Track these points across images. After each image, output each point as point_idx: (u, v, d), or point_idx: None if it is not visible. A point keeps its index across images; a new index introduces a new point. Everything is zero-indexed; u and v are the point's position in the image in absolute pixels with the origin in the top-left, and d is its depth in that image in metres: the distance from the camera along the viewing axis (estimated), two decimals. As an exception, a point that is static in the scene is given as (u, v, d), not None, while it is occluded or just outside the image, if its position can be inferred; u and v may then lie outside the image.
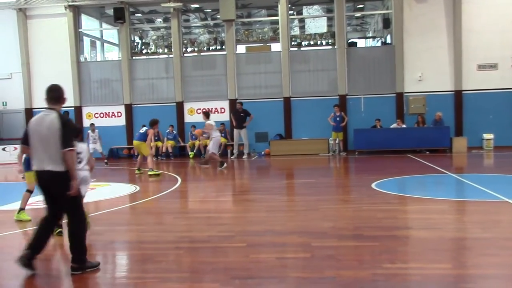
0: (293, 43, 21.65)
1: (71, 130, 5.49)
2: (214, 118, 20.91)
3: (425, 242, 6.36)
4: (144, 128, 15.31)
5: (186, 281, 5.20)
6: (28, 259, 5.51)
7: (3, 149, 20.84)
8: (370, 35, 26.93)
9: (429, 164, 14.82)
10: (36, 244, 5.60)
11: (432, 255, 5.76)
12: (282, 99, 20.81)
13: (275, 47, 21.66)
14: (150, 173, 14.52)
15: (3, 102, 22.59)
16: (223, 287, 4.93)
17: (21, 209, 8.77)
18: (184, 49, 21.93)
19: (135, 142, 15.41)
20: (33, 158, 5.53)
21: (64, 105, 5.80)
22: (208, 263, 5.78)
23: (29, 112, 21.81)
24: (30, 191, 8.63)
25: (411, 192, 10.73)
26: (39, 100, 21.92)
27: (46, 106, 5.56)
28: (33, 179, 8.93)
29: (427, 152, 18.49)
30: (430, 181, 12.25)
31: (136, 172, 15.04)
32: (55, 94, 5.56)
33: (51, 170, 5.37)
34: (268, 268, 5.45)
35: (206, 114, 16.25)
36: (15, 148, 11.68)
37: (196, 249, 6.45)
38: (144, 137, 15.06)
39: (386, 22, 21.26)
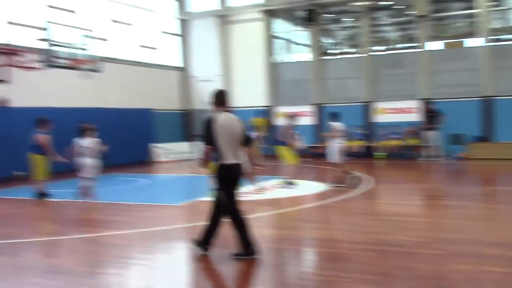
0: (494, 37, 19.79)
1: None
2: (404, 118, 20.27)
3: None
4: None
5: (380, 285, 5.15)
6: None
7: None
8: None
9: None
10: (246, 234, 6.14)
11: None
12: (481, 98, 19.19)
13: (472, 42, 20.09)
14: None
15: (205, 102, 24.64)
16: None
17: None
18: (373, 48, 21.59)
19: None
20: (228, 154, 6.03)
21: (227, 106, 6.28)
22: (402, 268, 5.65)
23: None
24: None
25: None
26: (237, 100, 23.57)
27: (216, 108, 6.19)
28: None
29: None
30: None
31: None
32: (224, 98, 6.27)
33: (241, 163, 6.18)
34: (467, 281, 5.14)
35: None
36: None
37: (387, 252, 6.34)
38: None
39: None
